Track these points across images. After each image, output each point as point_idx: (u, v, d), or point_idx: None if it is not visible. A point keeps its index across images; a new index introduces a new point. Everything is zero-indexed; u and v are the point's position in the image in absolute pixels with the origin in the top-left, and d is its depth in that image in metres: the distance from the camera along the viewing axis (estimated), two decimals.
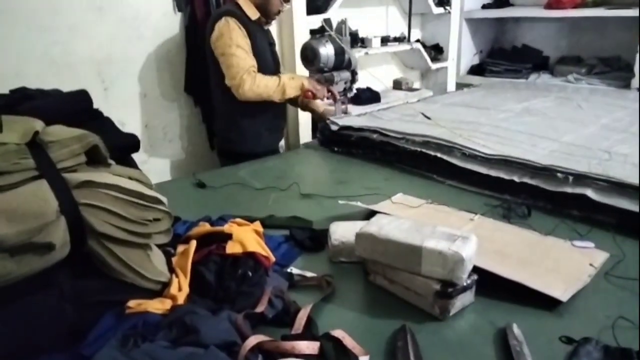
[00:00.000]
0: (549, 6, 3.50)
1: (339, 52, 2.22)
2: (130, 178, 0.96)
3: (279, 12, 2.24)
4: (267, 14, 2.20)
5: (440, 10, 3.64)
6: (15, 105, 1.07)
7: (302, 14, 2.79)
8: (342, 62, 2.25)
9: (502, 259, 1.14)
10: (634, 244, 1.24)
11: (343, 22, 2.30)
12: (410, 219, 1.16)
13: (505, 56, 3.96)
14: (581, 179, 1.44)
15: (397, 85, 3.75)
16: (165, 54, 2.48)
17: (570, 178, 1.45)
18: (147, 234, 0.95)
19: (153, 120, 2.51)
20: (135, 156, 2.39)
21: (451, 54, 3.86)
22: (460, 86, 3.72)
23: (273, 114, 2.32)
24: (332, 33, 2.23)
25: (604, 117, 2.17)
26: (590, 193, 1.39)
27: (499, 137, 1.88)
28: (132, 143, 1.23)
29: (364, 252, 1.08)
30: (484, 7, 4.00)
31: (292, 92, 2.17)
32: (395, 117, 2.33)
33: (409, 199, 1.57)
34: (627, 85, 3.07)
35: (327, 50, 2.18)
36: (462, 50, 3.97)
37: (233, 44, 2.04)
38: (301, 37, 2.81)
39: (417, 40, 3.80)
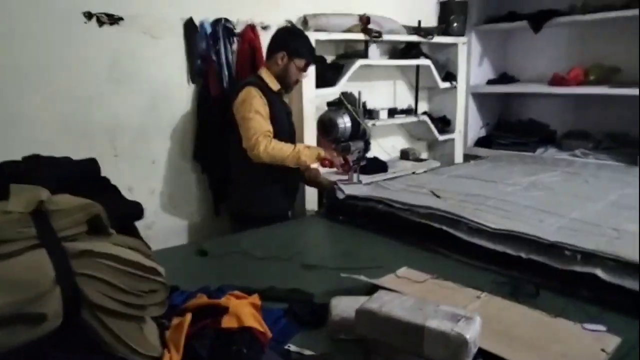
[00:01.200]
0: (553, 83, 3.60)
1: (355, 123, 2.35)
2: (130, 248, 0.95)
3: (297, 81, 2.40)
4: (287, 84, 2.36)
5: (447, 84, 3.76)
6: (27, 173, 1.10)
7: (311, 87, 2.90)
8: (357, 133, 2.38)
9: (509, 341, 1.10)
10: None
11: (357, 95, 2.42)
12: (414, 296, 1.13)
13: (511, 129, 4.03)
14: (590, 257, 1.41)
15: (405, 155, 3.80)
16: (176, 122, 2.57)
17: (579, 256, 1.42)
18: (142, 305, 0.93)
19: (160, 186, 2.55)
20: (141, 221, 2.40)
21: (458, 127, 3.94)
22: (467, 158, 3.76)
23: (288, 179, 2.38)
24: (349, 105, 2.36)
25: (612, 193, 2.16)
26: (599, 273, 1.35)
27: (505, 211, 1.87)
28: (136, 211, 1.24)
29: (364, 330, 1.04)
30: (489, 82, 4.12)
31: (306, 159, 2.25)
32: (402, 187, 2.34)
33: (414, 273, 1.54)
34: (634, 162, 3.08)
35: (344, 122, 2.32)
36: (469, 123, 4.05)
37: (252, 109, 2.18)
38: (309, 108, 2.91)
39: (424, 113, 3.90)
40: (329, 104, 2.43)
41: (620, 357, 1.07)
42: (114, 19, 2.27)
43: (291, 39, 2.35)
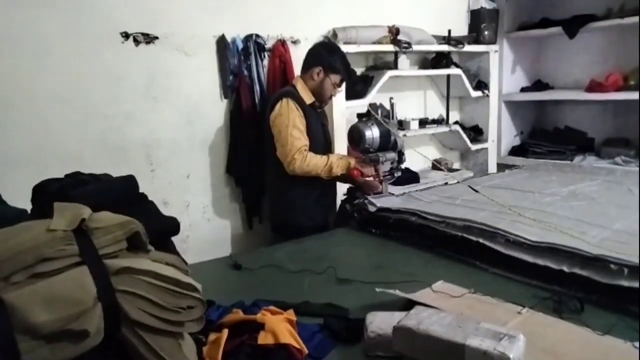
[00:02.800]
0: (590, 89, 3.49)
1: (384, 134, 2.34)
2: (167, 264, 0.97)
3: (331, 96, 2.44)
4: (322, 99, 2.40)
5: (478, 93, 3.70)
6: (69, 190, 1.13)
7: (341, 99, 2.90)
8: (387, 144, 2.37)
9: None
10: None
11: (389, 106, 2.43)
12: (452, 313, 1.10)
13: (547, 137, 3.92)
14: (637, 271, 1.34)
15: (436, 165, 3.75)
16: (209, 137, 2.62)
17: (626, 270, 1.35)
18: (180, 322, 0.94)
19: (194, 199, 2.59)
20: (176, 235, 2.43)
21: (491, 136, 3.86)
22: (501, 167, 3.68)
23: (321, 189, 2.41)
24: (378, 116, 2.37)
25: None
26: None
27: (544, 223, 1.81)
28: (172, 226, 1.26)
29: (402, 347, 1.02)
30: (523, 90, 4.04)
31: (338, 170, 2.32)
32: (435, 199, 2.30)
33: (451, 287, 1.50)
34: None
35: (372, 133, 2.31)
36: (502, 132, 3.97)
37: (290, 123, 2.23)
38: (340, 120, 2.91)
39: (456, 122, 3.85)
40: (359, 115, 2.44)
41: None
42: (149, 38, 2.34)
43: (328, 55, 2.38)
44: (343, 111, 2.97)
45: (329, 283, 1.63)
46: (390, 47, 3.08)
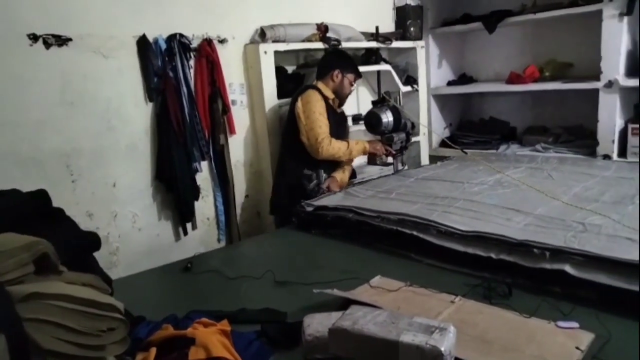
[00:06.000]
0: (510, 81, 3.68)
1: (397, 118, 2.72)
2: (83, 284, 0.90)
3: (349, 94, 2.76)
4: (342, 97, 2.73)
5: (408, 88, 3.79)
6: None
7: (274, 98, 2.88)
8: (399, 125, 2.76)
9: (485, 347, 1.08)
10: (618, 321, 1.20)
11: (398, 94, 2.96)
12: (388, 309, 1.11)
13: (474, 128, 4.09)
14: (558, 253, 1.42)
15: (372, 160, 3.80)
16: (135, 142, 2.48)
17: (547, 253, 1.43)
18: (101, 345, 0.87)
19: (122, 209, 2.45)
20: (104, 248, 2.30)
21: (422, 129, 3.97)
22: (433, 159, 3.80)
23: (328, 166, 2.68)
24: (392, 102, 2.75)
25: (575, 186, 2.21)
26: (568, 268, 1.36)
27: (473, 212, 1.88)
28: (92, 242, 1.18)
29: (338, 349, 1.01)
30: (449, 83, 4.18)
31: (356, 154, 2.70)
32: (371, 194, 2.33)
33: (388, 281, 1.52)
34: (592, 153, 3.17)
35: (387, 117, 2.69)
36: (432, 124, 4.10)
37: (317, 111, 2.53)
38: (273, 118, 2.88)
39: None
40: (373, 102, 2.81)
41: (594, 353, 1.07)
42: (61, 40, 2.18)
43: (343, 58, 2.74)
44: (276, 109, 2.94)
45: (267, 287, 1.60)
46: (320, 45, 3.07)
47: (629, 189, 2.11)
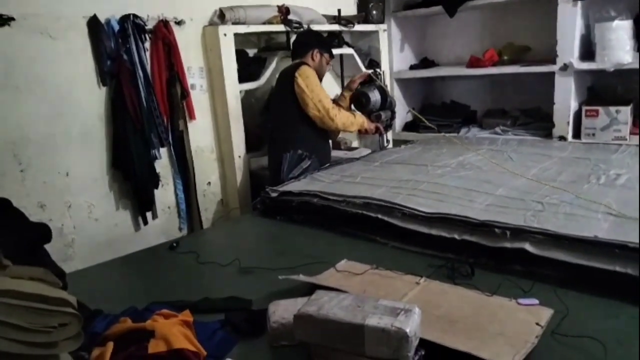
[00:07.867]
0: (470, 65, 3.73)
1: (384, 97, 2.84)
2: (31, 279, 0.84)
3: (323, 74, 2.81)
4: (321, 76, 2.73)
5: (371, 72, 3.78)
6: None
7: (234, 81, 2.81)
8: (385, 104, 2.87)
9: (449, 327, 1.09)
10: (575, 297, 1.24)
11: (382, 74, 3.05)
12: (354, 292, 1.10)
13: (436, 112, 4.12)
14: (518, 233, 1.45)
15: (336, 145, 3.79)
16: (88, 129, 2.36)
17: (508, 233, 1.46)
18: (52, 342, 0.82)
19: (77, 199, 2.34)
20: (59, 240, 2.20)
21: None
22: (397, 143, 3.82)
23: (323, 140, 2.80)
24: (379, 82, 2.87)
25: (533, 167, 2.26)
26: (528, 247, 1.39)
27: (437, 194, 1.90)
28: (42, 234, 1.11)
29: (304, 335, 1.00)
30: (412, 67, 4.20)
31: (358, 127, 2.75)
32: (336, 178, 2.31)
33: (354, 265, 1.52)
34: (548, 135, 3.26)
35: (375, 96, 2.79)
36: (395, 108, 4.11)
37: (317, 84, 2.58)
38: (233, 102, 2.82)
39: None
40: (361, 83, 2.86)
41: (553, 327, 1.10)
42: (3, 20, 2.03)
43: (319, 38, 2.82)
44: (237, 94, 2.87)
45: (233, 274, 1.57)
46: (281, 27, 3.01)
47: (584, 169, 2.19)
